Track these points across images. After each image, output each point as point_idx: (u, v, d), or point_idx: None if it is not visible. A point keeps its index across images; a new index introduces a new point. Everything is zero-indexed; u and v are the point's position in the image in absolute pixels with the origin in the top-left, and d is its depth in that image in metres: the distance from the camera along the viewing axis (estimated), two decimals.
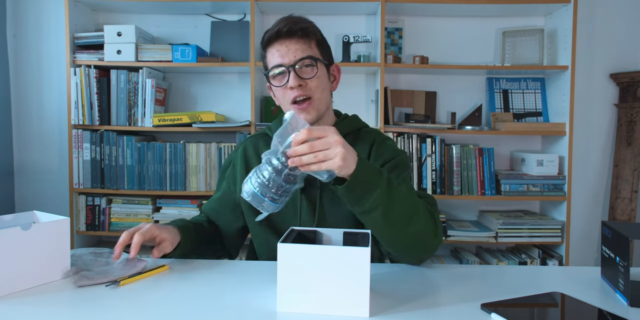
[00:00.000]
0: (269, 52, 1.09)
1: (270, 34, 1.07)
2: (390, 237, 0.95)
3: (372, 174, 0.88)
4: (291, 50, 1.06)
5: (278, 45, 1.07)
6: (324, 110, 1.11)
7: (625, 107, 2.38)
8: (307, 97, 1.06)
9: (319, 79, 1.08)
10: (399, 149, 1.19)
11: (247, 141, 1.23)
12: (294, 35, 1.06)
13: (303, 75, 1.06)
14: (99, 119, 2.23)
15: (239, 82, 2.46)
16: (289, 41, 1.06)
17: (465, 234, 2.21)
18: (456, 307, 0.82)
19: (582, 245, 2.46)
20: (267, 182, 0.83)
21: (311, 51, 1.08)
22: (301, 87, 1.06)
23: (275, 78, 1.08)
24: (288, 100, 1.07)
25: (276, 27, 1.06)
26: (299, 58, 1.05)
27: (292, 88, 1.05)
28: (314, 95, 1.07)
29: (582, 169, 2.46)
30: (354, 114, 1.23)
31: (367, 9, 2.31)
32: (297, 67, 1.05)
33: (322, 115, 1.11)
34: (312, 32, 1.09)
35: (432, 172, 2.24)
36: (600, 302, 0.85)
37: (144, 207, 2.24)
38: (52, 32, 2.44)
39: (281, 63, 1.06)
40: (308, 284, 0.77)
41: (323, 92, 1.09)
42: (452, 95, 2.47)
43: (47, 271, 0.91)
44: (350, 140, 1.15)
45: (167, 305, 0.81)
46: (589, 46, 2.43)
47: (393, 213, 0.90)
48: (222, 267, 1.04)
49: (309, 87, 1.06)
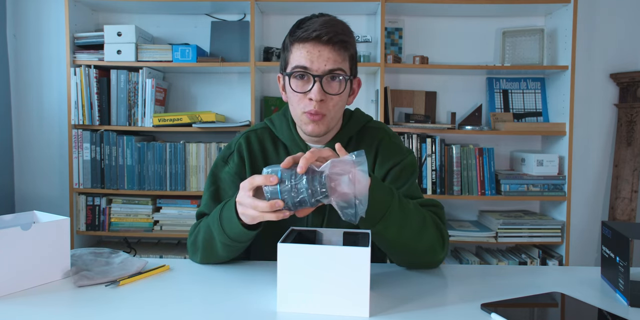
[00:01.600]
0: (297, 48, 0.99)
1: (307, 35, 0.97)
2: (398, 253, 0.98)
3: (384, 195, 0.88)
4: (323, 57, 0.98)
5: (310, 46, 0.98)
6: (333, 126, 1.06)
7: (625, 107, 2.38)
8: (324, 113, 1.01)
9: (340, 96, 1.02)
10: (406, 148, 1.15)
11: (250, 134, 1.15)
12: (331, 43, 0.98)
13: (328, 90, 0.99)
14: (99, 119, 2.23)
15: (239, 82, 2.46)
16: (323, 47, 0.98)
17: (465, 234, 2.21)
18: (456, 307, 0.82)
19: (582, 245, 2.46)
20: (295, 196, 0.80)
21: (343, 64, 1.00)
22: (322, 102, 0.99)
23: (296, 79, 1.01)
24: (302, 108, 1.01)
25: (315, 31, 0.96)
26: (329, 68, 0.98)
27: (311, 99, 0.99)
28: (329, 113, 1.01)
29: (582, 169, 2.46)
30: (357, 108, 1.19)
31: (367, 9, 2.31)
32: (324, 79, 0.99)
33: (330, 129, 1.06)
34: (350, 46, 1.02)
35: (432, 172, 2.24)
36: (600, 302, 0.85)
37: (144, 207, 2.24)
38: (52, 32, 2.44)
39: (309, 68, 0.98)
40: (308, 284, 0.77)
41: (339, 111, 1.05)
42: (452, 95, 2.47)
43: (47, 271, 0.91)
44: (355, 141, 1.13)
45: (167, 305, 0.81)
46: (589, 46, 2.43)
47: (403, 233, 0.92)
48: (222, 267, 1.04)
49: (327, 104, 1.00)
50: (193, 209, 2.23)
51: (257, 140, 1.13)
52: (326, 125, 1.03)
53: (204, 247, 1.01)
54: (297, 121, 1.06)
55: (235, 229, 0.91)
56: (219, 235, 0.95)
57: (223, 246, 0.97)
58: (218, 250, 0.99)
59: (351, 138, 1.13)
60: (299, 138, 1.10)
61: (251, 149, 1.12)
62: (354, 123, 1.14)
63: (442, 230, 1.01)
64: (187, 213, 2.23)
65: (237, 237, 0.93)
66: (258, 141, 1.13)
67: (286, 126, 1.12)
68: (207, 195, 1.12)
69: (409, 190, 1.07)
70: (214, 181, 1.13)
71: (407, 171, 1.10)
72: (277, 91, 2.47)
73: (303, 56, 0.98)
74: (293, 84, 1.01)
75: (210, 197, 1.11)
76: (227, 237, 0.94)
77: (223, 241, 0.96)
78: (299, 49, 0.99)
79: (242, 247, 0.99)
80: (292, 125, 1.12)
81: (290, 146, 1.11)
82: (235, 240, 0.94)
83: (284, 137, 1.12)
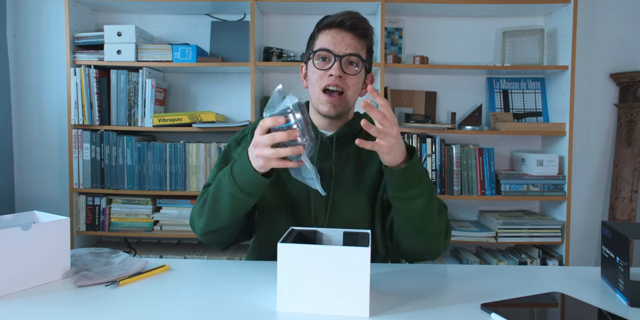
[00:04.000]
0: (323, 34, 1.10)
1: (333, 20, 1.09)
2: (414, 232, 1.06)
3: (420, 166, 1.00)
4: (345, 42, 1.08)
5: (335, 33, 1.09)
6: (348, 109, 1.13)
7: (625, 107, 2.38)
8: (341, 90, 1.08)
9: (357, 78, 1.10)
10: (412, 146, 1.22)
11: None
12: (353, 31, 1.09)
13: (345, 70, 1.08)
14: (99, 119, 2.23)
15: (239, 82, 2.46)
16: (347, 34, 1.09)
17: (465, 234, 2.21)
18: (456, 307, 0.82)
19: (582, 245, 2.46)
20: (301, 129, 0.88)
21: (361, 52, 1.10)
22: (340, 79, 1.07)
23: (319, 60, 1.10)
24: (321, 85, 1.08)
25: (340, 17, 1.08)
26: (349, 52, 1.08)
27: (331, 75, 1.07)
28: (347, 91, 1.09)
29: (582, 169, 2.46)
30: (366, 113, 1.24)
31: (367, 9, 2.31)
32: (344, 60, 1.08)
33: (345, 112, 1.13)
34: (369, 36, 1.12)
35: (432, 172, 2.24)
36: (600, 302, 0.85)
37: (144, 207, 2.24)
38: (52, 32, 2.44)
39: (332, 50, 1.07)
40: (308, 284, 0.77)
41: (355, 92, 1.12)
42: (452, 95, 2.47)
43: (47, 271, 0.91)
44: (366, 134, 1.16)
45: (167, 305, 0.81)
46: (589, 46, 2.43)
47: (430, 205, 1.02)
48: (222, 267, 1.04)
49: (346, 82, 1.08)
50: None
51: None
52: (342, 105, 1.10)
53: (209, 205, 1.03)
54: (315, 101, 1.12)
55: (247, 175, 0.95)
56: (228, 187, 0.98)
57: (230, 199, 0.99)
58: (223, 207, 1.01)
59: (360, 131, 1.18)
60: (311, 123, 1.15)
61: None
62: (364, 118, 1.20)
63: (448, 224, 1.11)
64: (187, 213, 2.22)
65: (247, 184, 0.96)
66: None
67: None
68: (215, 171, 1.16)
69: None
70: (225, 159, 1.17)
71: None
72: None
73: (327, 40, 1.09)
74: (318, 63, 1.10)
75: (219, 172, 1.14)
76: (236, 187, 0.97)
77: (232, 192, 0.98)
78: (325, 34, 1.10)
79: (248, 205, 1.01)
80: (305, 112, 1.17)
81: None
82: (244, 191, 0.96)
83: None
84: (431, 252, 1.10)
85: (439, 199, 1.08)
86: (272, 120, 0.88)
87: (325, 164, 1.14)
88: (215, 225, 1.05)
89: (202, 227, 1.07)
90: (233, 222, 1.06)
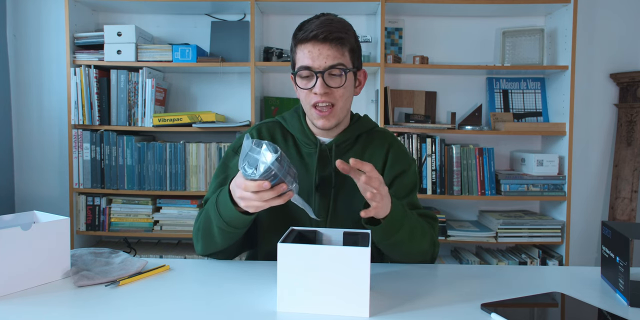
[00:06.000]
0: (300, 49, 1.07)
1: (305, 35, 1.05)
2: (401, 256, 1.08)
3: (401, 213, 0.99)
4: (323, 55, 1.05)
5: (311, 46, 1.05)
6: (343, 117, 1.13)
7: (625, 107, 2.38)
8: (331, 104, 1.07)
9: (345, 88, 1.08)
10: (411, 155, 1.26)
11: (261, 126, 1.21)
12: (329, 41, 1.05)
13: (330, 84, 1.06)
14: (99, 119, 2.23)
15: (239, 82, 2.46)
16: (322, 45, 1.05)
17: (465, 234, 2.21)
18: (456, 307, 0.82)
19: (582, 245, 2.46)
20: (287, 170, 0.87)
21: (343, 59, 1.06)
22: (326, 95, 1.06)
23: (302, 78, 1.08)
24: (310, 102, 1.08)
25: (313, 32, 1.04)
26: (329, 65, 1.05)
27: (316, 93, 1.06)
28: (337, 103, 1.08)
29: (582, 169, 2.46)
30: (365, 115, 1.26)
31: (367, 9, 2.30)
32: (326, 75, 1.05)
33: (341, 121, 1.13)
34: (347, 41, 1.07)
35: (432, 172, 2.24)
36: (600, 302, 0.85)
37: (144, 207, 2.24)
38: (52, 32, 2.44)
39: (310, 66, 1.05)
40: (308, 284, 0.77)
41: (346, 101, 1.11)
42: (452, 95, 2.47)
43: (47, 271, 0.91)
44: (365, 140, 1.20)
45: (167, 305, 0.81)
46: (589, 46, 2.42)
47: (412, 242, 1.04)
48: (222, 267, 1.04)
49: (333, 95, 1.07)
50: (193, 209, 2.23)
51: (267, 132, 1.20)
52: (336, 116, 1.10)
53: (203, 232, 1.06)
54: (309, 115, 1.13)
55: (230, 213, 0.95)
56: (215, 219, 1.00)
57: (220, 231, 1.01)
58: (215, 236, 1.03)
59: (359, 136, 1.19)
60: (309, 131, 1.16)
61: (262, 139, 1.17)
62: (362, 124, 1.21)
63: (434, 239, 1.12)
64: (187, 213, 2.23)
65: (232, 221, 0.97)
66: (269, 133, 1.19)
67: (297, 120, 1.19)
68: (215, 183, 1.16)
69: (412, 200, 1.17)
70: (224, 170, 1.17)
71: (411, 182, 1.19)
72: (277, 91, 2.47)
73: (305, 56, 1.06)
74: (299, 83, 1.09)
75: (218, 184, 1.15)
76: (223, 221, 0.98)
77: (219, 225, 0.99)
78: (302, 49, 1.07)
79: (239, 234, 1.03)
80: (302, 119, 1.18)
81: (300, 138, 1.17)
82: (230, 225, 0.98)
83: (294, 129, 1.18)
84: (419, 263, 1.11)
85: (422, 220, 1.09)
86: (257, 187, 0.84)
87: (325, 171, 1.14)
88: (214, 249, 1.08)
89: (201, 250, 1.10)
90: (230, 244, 1.08)
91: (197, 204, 2.23)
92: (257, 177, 0.83)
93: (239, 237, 1.05)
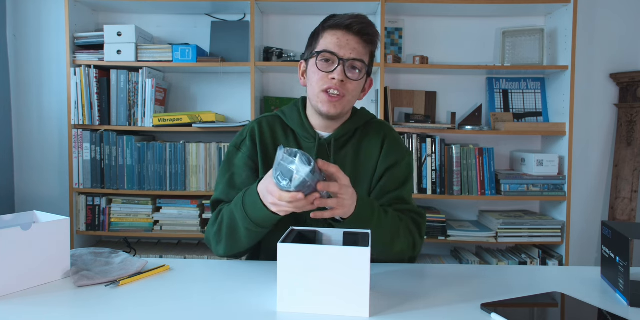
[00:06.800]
0: (329, 34, 1.09)
1: (341, 22, 1.08)
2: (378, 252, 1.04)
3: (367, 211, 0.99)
4: (350, 46, 1.07)
5: (341, 35, 1.08)
6: (346, 111, 1.14)
7: (625, 107, 2.38)
8: (342, 94, 1.09)
9: (358, 84, 1.11)
10: (406, 147, 1.24)
11: (262, 120, 1.22)
12: (360, 35, 1.08)
13: (348, 74, 1.08)
14: (99, 119, 2.23)
15: (239, 82, 2.45)
16: (353, 37, 1.08)
17: (465, 234, 2.21)
18: (456, 307, 0.82)
19: (582, 245, 2.46)
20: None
21: (365, 57, 1.11)
22: (341, 83, 1.08)
23: (322, 61, 1.09)
24: (322, 86, 1.08)
25: (349, 20, 1.07)
26: (353, 57, 1.07)
27: (333, 79, 1.07)
28: (347, 95, 1.10)
29: (582, 169, 2.46)
30: (362, 107, 1.27)
31: (367, 9, 2.30)
32: (347, 64, 1.08)
33: (344, 113, 1.14)
34: (374, 43, 1.12)
35: (432, 172, 2.24)
36: (600, 302, 0.85)
37: (144, 207, 2.24)
38: (52, 32, 2.44)
39: (336, 52, 1.07)
40: (308, 284, 0.77)
41: (354, 97, 1.13)
42: (452, 95, 2.47)
43: (47, 271, 0.91)
44: (362, 132, 1.21)
45: (167, 305, 0.81)
46: (589, 46, 2.42)
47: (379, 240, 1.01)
48: (222, 267, 1.04)
49: (346, 87, 1.09)
50: (193, 208, 2.23)
51: (268, 126, 1.20)
52: (342, 106, 1.10)
53: (228, 235, 1.06)
54: (314, 100, 1.11)
55: (260, 213, 0.96)
56: (242, 221, 1.00)
57: (247, 232, 1.02)
58: (242, 237, 1.04)
59: (357, 129, 1.20)
60: (308, 125, 1.17)
61: (262, 133, 1.18)
62: (360, 117, 1.22)
63: (415, 238, 1.11)
64: (187, 213, 2.23)
65: (262, 221, 0.98)
66: (269, 127, 1.20)
67: (297, 114, 1.19)
68: (223, 183, 1.16)
69: (402, 194, 1.15)
70: (229, 168, 1.18)
71: (403, 174, 1.18)
72: (277, 91, 2.47)
73: (333, 42, 1.08)
74: (320, 64, 1.09)
75: (226, 184, 1.16)
76: (251, 222, 0.99)
77: (247, 226, 1.00)
78: (331, 35, 1.09)
79: (264, 233, 1.04)
80: (302, 114, 1.19)
81: (300, 133, 1.17)
82: (259, 225, 0.99)
83: (294, 124, 1.18)
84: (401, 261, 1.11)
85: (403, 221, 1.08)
86: (291, 198, 0.85)
87: None
88: (238, 250, 1.09)
89: (224, 252, 1.10)
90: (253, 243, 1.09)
91: (197, 204, 2.23)
92: (292, 188, 0.84)
93: (263, 236, 1.06)
